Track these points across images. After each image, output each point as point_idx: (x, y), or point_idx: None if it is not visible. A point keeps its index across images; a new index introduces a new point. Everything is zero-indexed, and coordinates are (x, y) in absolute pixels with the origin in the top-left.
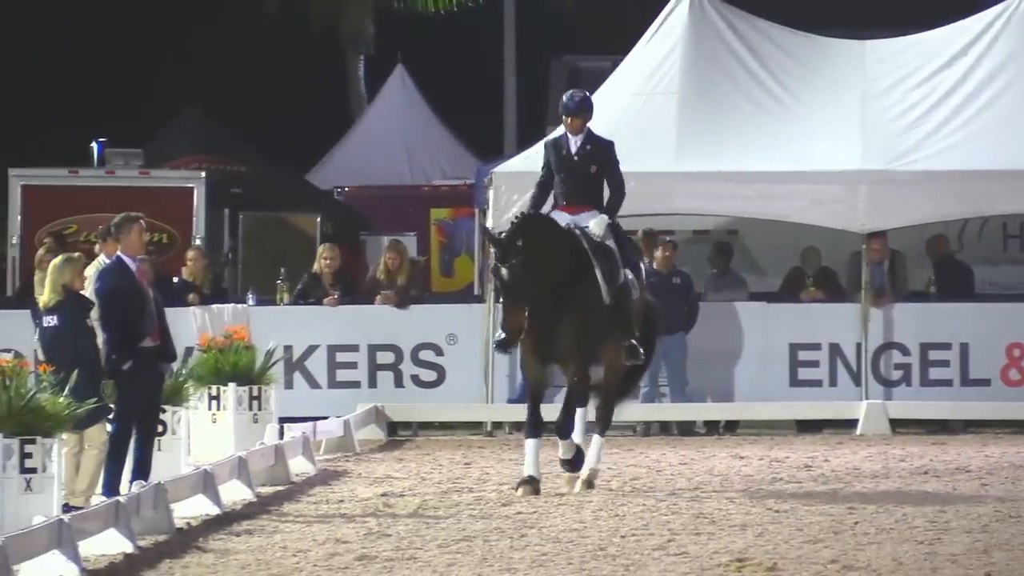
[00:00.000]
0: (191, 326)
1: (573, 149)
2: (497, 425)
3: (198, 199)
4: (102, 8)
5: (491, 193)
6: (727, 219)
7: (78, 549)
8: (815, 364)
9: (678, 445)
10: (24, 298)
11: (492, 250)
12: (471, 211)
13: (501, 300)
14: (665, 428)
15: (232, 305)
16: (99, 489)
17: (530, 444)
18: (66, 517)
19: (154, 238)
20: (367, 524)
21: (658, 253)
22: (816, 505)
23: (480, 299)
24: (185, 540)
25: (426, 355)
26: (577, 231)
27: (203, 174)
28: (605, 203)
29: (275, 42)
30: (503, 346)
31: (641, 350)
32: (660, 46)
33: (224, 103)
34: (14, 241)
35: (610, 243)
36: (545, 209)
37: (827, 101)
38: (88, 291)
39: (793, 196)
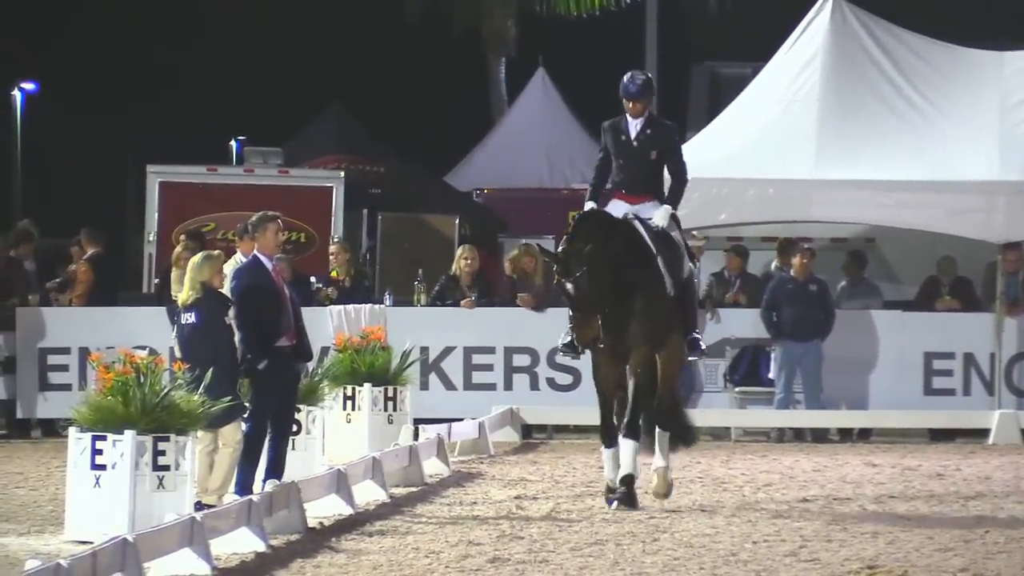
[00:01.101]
0: (327, 326)
1: (632, 133)
2: None
3: (337, 199)
4: (245, 7)
5: None
6: (864, 227)
7: (209, 547)
8: (949, 373)
9: (811, 452)
10: (161, 295)
11: (553, 265)
12: None
13: (570, 313)
14: (799, 434)
15: (369, 305)
16: (232, 488)
17: (607, 454)
18: (198, 515)
19: (292, 237)
20: (500, 526)
21: (795, 260)
22: (947, 514)
23: None
24: (317, 540)
25: (562, 358)
26: (636, 221)
27: (342, 174)
28: (667, 191)
29: (417, 43)
30: (572, 350)
31: (703, 346)
32: (801, 53)
33: (365, 103)
34: (151, 238)
35: (675, 234)
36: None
37: (965, 111)
38: (226, 289)
39: (931, 205)
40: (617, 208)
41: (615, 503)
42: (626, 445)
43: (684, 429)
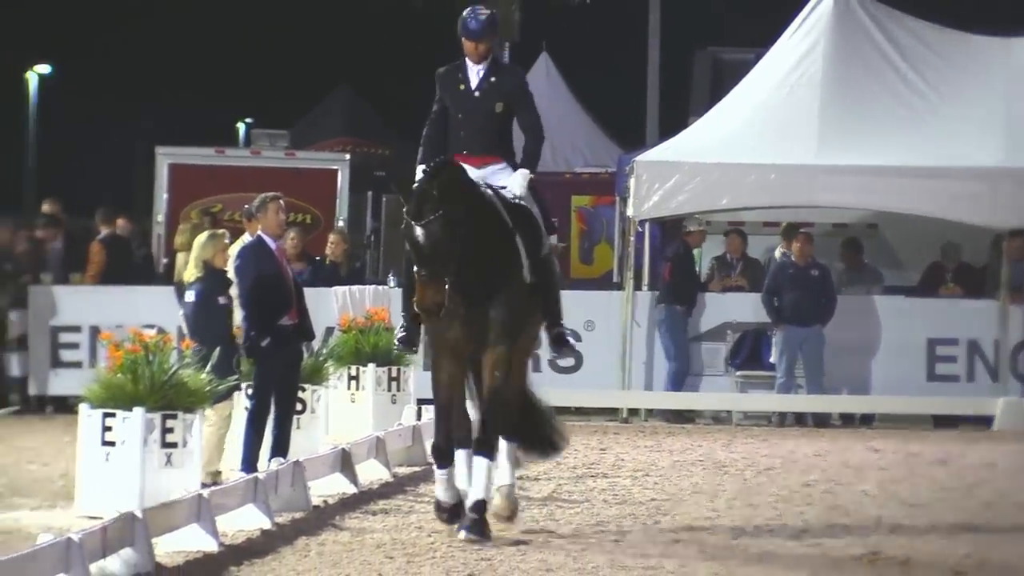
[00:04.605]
0: (332, 307)
1: (473, 82)
2: (633, 412)
3: (342, 181)
4: None
5: (632, 181)
6: (866, 213)
7: (216, 524)
8: (952, 359)
9: (813, 436)
10: (169, 275)
11: (404, 207)
12: (612, 199)
13: (415, 270)
14: (800, 419)
15: (373, 286)
16: (238, 465)
17: (441, 476)
18: (205, 492)
19: (297, 219)
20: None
21: (794, 245)
22: (951, 500)
23: (619, 286)
24: (322, 518)
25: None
26: (489, 190)
27: (347, 156)
28: (523, 151)
29: (422, 27)
30: (407, 342)
31: (571, 340)
32: (804, 39)
33: (370, 87)
34: (160, 219)
35: (532, 206)
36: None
37: (971, 98)
38: (230, 268)
39: (935, 192)
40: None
41: (464, 532)
42: (479, 464)
43: (538, 438)
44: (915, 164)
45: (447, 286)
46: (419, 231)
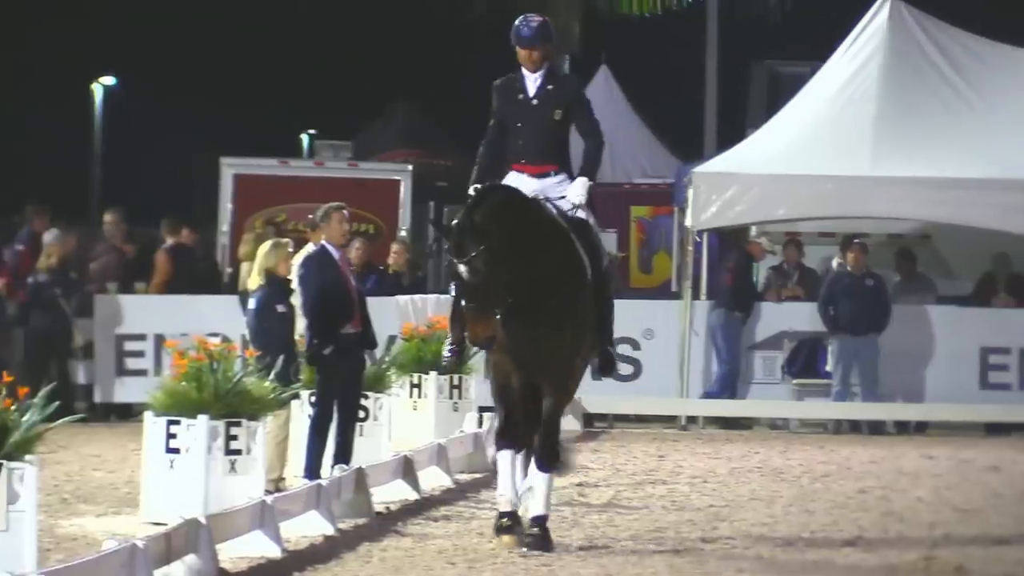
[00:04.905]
0: (395, 315)
1: (531, 91)
2: (691, 419)
3: (404, 191)
4: (317, 4)
5: (690, 192)
6: (921, 223)
7: (279, 530)
8: (1005, 368)
9: (868, 443)
10: (234, 284)
11: (445, 244)
12: (670, 209)
13: (464, 304)
14: (855, 427)
15: (435, 296)
16: (301, 472)
17: (505, 458)
18: (268, 498)
19: (360, 229)
20: (561, 513)
21: (849, 255)
22: (1003, 507)
23: (677, 296)
24: (384, 524)
25: (623, 349)
26: (550, 204)
27: (410, 167)
28: (583, 156)
29: (482, 39)
30: (458, 355)
31: (617, 364)
32: (859, 53)
33: (432, 99)
34: (224, 229)
35: (588, 217)
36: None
37: (1022, 110)
38: (294, 277)
39: (987, 203)
40: (519, 184)
41: (526, 549)
42: (539, 479)
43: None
44: (968, 176)
45: (497, 317)
46: (462, 268)
